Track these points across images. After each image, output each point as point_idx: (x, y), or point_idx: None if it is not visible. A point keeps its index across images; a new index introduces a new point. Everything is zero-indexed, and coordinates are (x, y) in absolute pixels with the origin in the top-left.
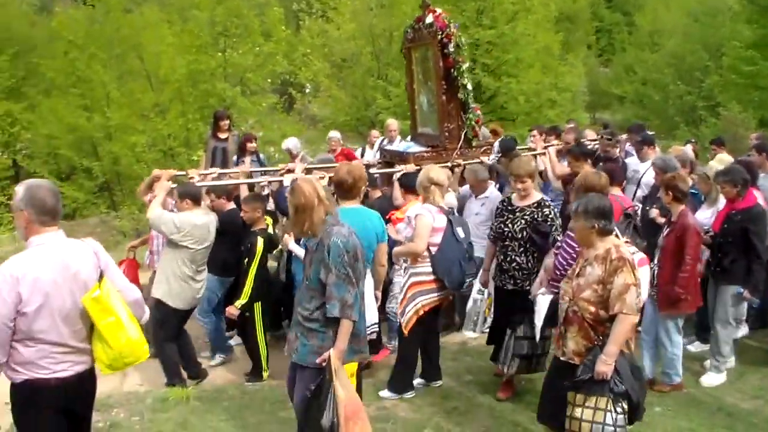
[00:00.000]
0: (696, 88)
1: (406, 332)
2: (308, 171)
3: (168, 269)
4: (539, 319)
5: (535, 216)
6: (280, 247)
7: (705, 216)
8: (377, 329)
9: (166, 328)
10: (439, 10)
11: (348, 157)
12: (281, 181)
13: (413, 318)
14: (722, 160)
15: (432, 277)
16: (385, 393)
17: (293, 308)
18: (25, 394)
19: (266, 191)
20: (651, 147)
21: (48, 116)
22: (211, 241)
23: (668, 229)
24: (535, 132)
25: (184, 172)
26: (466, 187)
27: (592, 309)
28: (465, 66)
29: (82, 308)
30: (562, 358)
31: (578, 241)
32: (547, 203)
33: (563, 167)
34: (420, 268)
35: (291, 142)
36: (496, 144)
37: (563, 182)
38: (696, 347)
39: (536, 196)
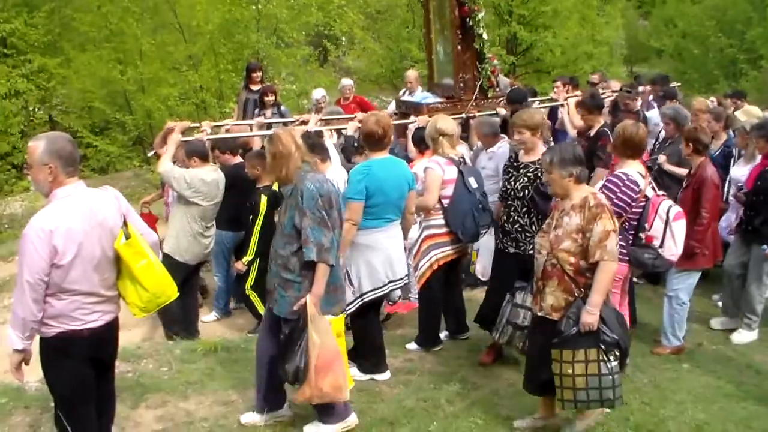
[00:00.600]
0: (738, 40)
1: (418, 286)
2: (326, 123)
3: (178, 225)
4: None
5: (539, 174)
6: None
7: (742, 173)
8: (408, 281)
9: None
10: None
11: (361, 105)
12: None
13: (428, 272)
14: (748, 111)
15: (445, 230)
16: (411, 346)
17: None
18: (56, 347)
19: None
20: (674, 100)
21: (82, 71)
22: (221, 197)
23: (686, 182)
24: (558, 83)
25: (198, 124)
26: None
27: (573, 260)
28: (480, 15)
29: (110, 255)
30: (539, 314)
31: (553, 193)
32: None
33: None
34: (433, 221)
35: (319, 92)
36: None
37: (579, 134)
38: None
39: (540, 150)
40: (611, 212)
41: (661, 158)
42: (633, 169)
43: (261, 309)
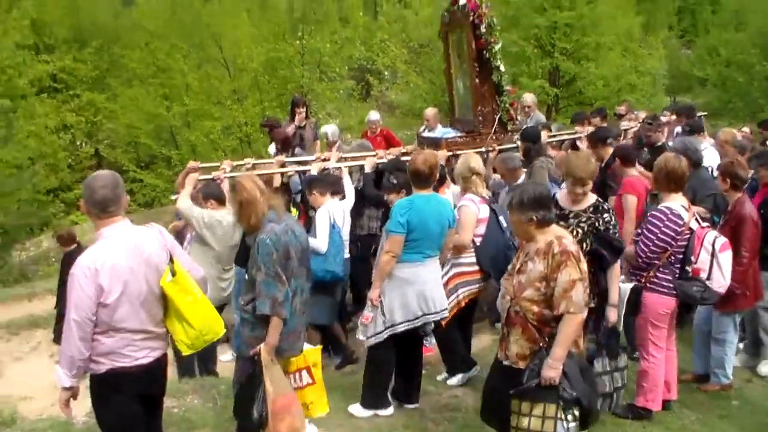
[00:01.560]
0: None
1: (443, 323)
2: (344, 160)
3: None
4: (622, 307)
5: (596, 223)
6: None
7: None
8: (446, 314)
9: None
10: None
11: (387, 139)
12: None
13: (455, 309)
14: None
15: (475, 268)
16: (453, 381)
17: None
18: (107, 384)
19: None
20: (701, 133)
21: (129, 106)
22: (237, 240)
23: (724, 220)
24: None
25: (219, 163)
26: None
27: (536, 308)
28: (497, 47)
29: (157, 292)
30: (505, 363)
31: (517, 236)
32: (605, 206)
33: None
34: (463, 259)
35: (329, 129)
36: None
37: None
38: None
39: (591, 197)
40: (578, 258)
41: (699, 210)
42: (676, 202)
43: None
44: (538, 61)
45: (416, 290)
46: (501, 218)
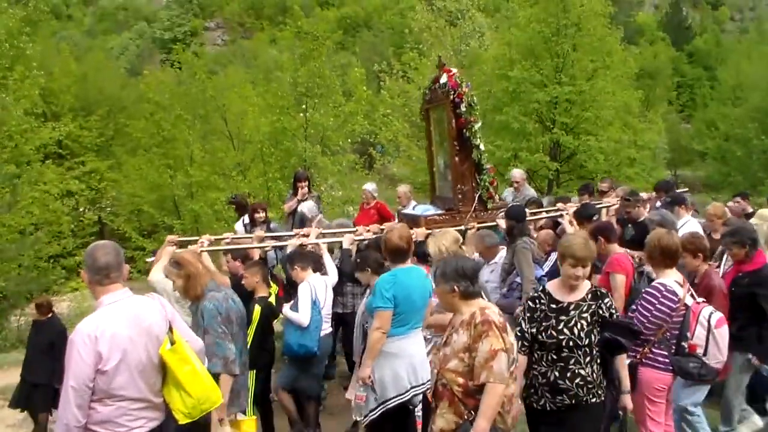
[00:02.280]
0: None
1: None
2: (323, 236)
3: None
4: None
5: (599, 311)
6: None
7: None
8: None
9: None
10: (454, 70)
11: (380, 212)
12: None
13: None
14: (762, 215)
15: None
16: None
17: None
18: None
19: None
20: (682, 206)
21: (132, 174)
22: None
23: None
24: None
25: (197, 238)
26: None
27: (461, 380)
28: (477, 126)
29: (156, 362)
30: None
31: (442, 307)
32: (601, 291)
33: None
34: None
35: (306, 206)
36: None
37: None
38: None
39: (586, 284)
40: (501, 329)
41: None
42: (670, 278)
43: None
44: (538, 136)
45: (405, 363)
46: (483, 295)
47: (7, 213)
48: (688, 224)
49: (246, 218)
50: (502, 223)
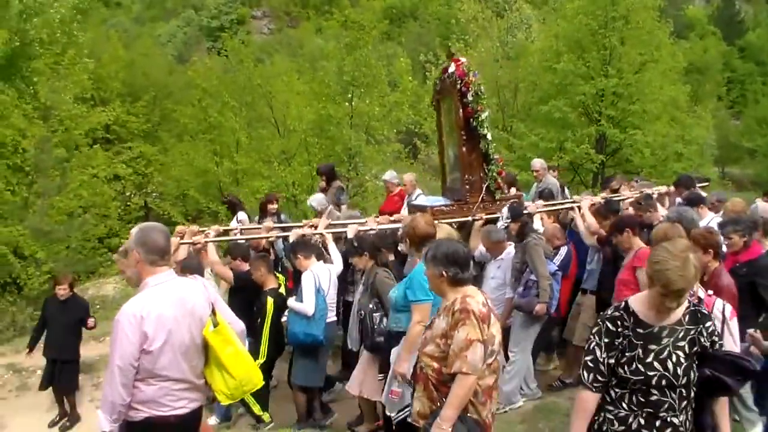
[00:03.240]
0: None
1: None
2: (332, 227)
3: None
4: None
5: (699, 338)
6: None
7: None
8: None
9: None
10: (463, 59)
11: (403, 199)
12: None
13: None
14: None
15: None
16: None
17: None
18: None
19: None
20: (700, 206)
21: (179, 160)
22: None
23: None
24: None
25: (207, 228)
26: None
27: (435, 365)
28: (484, 115)
29: (199, 343)
30: (408, 420)
31: (431, 289)
32: (702, 311)
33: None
34: None
35: (314, 200)
36: (505, 209)
37: (599, 242)
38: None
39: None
40: (479, 319)
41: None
42: None
43: (257, 410)
44: (583, 128)
45: None
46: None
47: (57, 195)
48: (712, 223)
49: (240, 215)
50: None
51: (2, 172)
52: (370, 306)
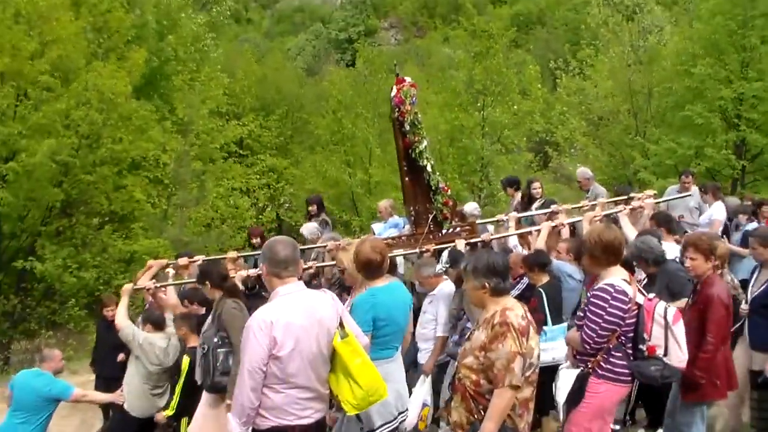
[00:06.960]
0: None
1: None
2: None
3: (129, 380)
4: (561, 396)
5: None
6: None
7: None
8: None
9: (120, 429)
10: (408, 79)
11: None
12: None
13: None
14: None
15: None
16: None
17: None
18: None
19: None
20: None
21: (311, 171)
22: (170, 363)
23: (691, 300)
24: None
25: (175, 261)
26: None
27: (474, 377)
28: (423, 146)
29: (325, 353)
30: (447, 427)
31: (471, 303)
32: None
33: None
34: None
35: (306, 228)
36: (445, 253)
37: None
38: None
39: None
40: (519, 332)
41: None
42: (617, 277)
43: None
44: (722, 134)
45: (392, 389)
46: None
47: (195, 207)
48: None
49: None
50: (461, 244)
51: (144, 185)
52: (215, 340)
